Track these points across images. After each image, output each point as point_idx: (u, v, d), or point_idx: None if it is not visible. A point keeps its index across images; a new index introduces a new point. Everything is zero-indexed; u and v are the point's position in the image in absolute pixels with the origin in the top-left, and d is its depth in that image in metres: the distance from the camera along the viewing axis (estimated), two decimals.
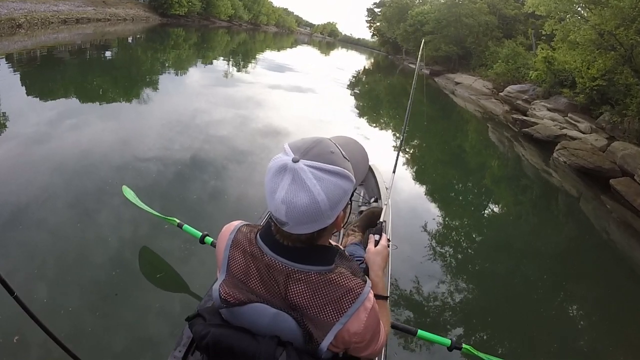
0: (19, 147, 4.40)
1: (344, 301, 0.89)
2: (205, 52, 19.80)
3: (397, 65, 41.98)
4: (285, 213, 0.82)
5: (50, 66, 9.98)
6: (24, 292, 1.35)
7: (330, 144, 0.88)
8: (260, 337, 0.92)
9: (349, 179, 0.87)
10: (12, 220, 3.04)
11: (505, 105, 17.61)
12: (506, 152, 10.82)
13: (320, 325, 0.90)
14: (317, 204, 0.81)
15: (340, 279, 0.91)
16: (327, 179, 0.82)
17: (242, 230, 1.01)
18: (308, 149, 0.84)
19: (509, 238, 5.24)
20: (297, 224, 0.84)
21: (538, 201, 7.24)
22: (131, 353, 2.18)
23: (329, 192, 0.82)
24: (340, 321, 0.89)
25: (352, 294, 0.90)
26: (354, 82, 20.37)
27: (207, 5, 38.81)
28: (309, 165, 0.82)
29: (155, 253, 3.00)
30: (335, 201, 0.84)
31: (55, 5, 16.78)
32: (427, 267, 3.81)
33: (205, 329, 0.96)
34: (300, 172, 0.81)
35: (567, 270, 4.64)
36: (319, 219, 0.84)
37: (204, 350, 0.96)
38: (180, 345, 1.43)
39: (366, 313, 0.91)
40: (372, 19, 60.16)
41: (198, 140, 5.61)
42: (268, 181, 0.85)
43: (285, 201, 0.81)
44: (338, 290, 0.90)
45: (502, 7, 27.55)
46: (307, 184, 0.81)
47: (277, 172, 0.83)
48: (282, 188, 0.82)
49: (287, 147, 0.86)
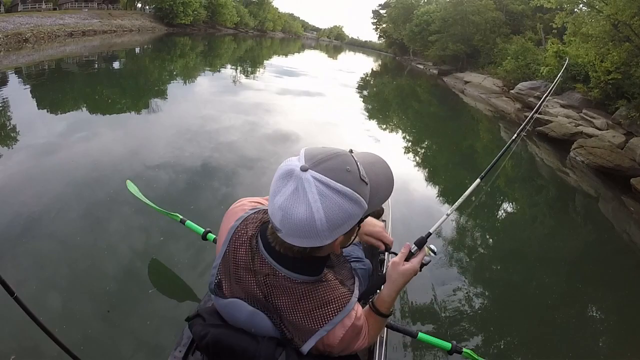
0: (28, 156, 4.55)
1: (325, 312, 0.88)
2: (212, 60, 19.90)
3: (405, 66, 41.71)
4: (280, 220, 0.79)
5: (58, 78, 10.14)
6: (23, 291, 1.37)
7: (349, 161, 0.82)
8: (260, 337, 0.91)
9: (358, 204, 0.80)
10: (14, 219, 3.10)
11: (516, 103, 17.16)
12: (519, 151, 10.49)
13: (301, 332, 0.89)
14: (314, 221, 0.76)
15: (324, 291, 0.90)
16: (331, 198, 0.76)
17: (249, 219, 0.99)
18: (322, 160, 0.78)
19: (522, 240, 5.02)
20: (290, 234, 0.80)
21: (554, 203, 6.93)
22: (131, 352, 2.17)
23: (330, 212, 0.76)
24: (318, 333, 0.88)
25: (334, 306, 0.89)
26: (362, 84, 20.24)
27: (212, 14, 39.12)
28: (316, 178, 0.76)
29: (157, 251, 2.99)
30: (335, 223, 0.78)
31: (61, 18, 16.96)
32: (430, 268, 3.63)
33: (204, 329, 0.96)
34: (304, 183, 0.76)
35: (584, 275, 4.37)
36: (313, 237, 0.79)
37: (204, 350, 0.97)
38: (180, 345, 1.39)
39: (343, 330, 0.90)
40: (378, 21, 60.13)
41: (206, 146, 5.61)
42: (273, 182, 0.81)
43: (282, 208, 0.78)
44: (321, 301, 0.89)
45: (508, 3, 26.99)
46: (308, 197, 0.75)
47: (283, 176, 0.79)
48: (282, 193, 0.78)
49: (302, 152, 0.81)
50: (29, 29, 14.15)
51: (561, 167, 9.10)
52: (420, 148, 8.48)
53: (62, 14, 17.53)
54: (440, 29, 30.66)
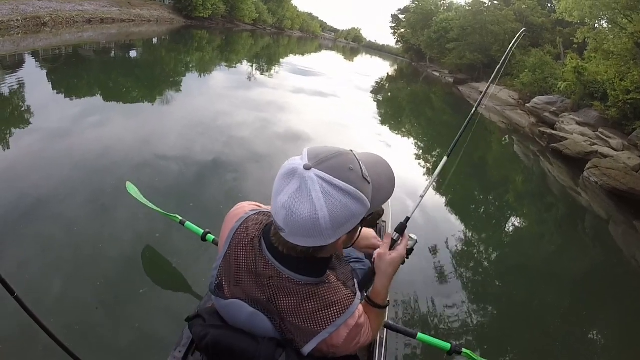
0: (33, 139, 4.53)
1: (328, 314, 0.88)
2: (228, 55, 19.94)
3: (421, 72, 41.46)
4: (283, 219, 0.79)
5: (75, 64, 10.19)
6: (23, 290, 1.30)
7: (351, 160, 0.83)
8: (260, 338, 0.91)
9: (361, 203, 0.81)
10: (16, 213, 3.05)
11: (531, 117, 16.93)
12: (532, 167, 10.32)
13: (303, 333, 0.89)
14: (317, 219, 0.77)
15: (328, 292, 0.90)
16: (334, 196, 0.77)
17: (250, 220, 0.99)
18: (325, 159, 0.79)
19: (527, 253, 4.98)
20: (293, 234, 0.80)
21: (563, 221, 6.80)
22: (131, 353, 2.17)
23: (333, 211, 0.77)
24: (322, 334, 0.88)
25: (338, 308, 0.89)
26: (376, 88, 20.14)
27: (231, 9, 39.15)
28: (320, 176, 0.77)
29: (157, 251, 2.97)
30: (338, 222, 0.79)
31: (81, 5, 17.03)
32: (430, 270, 3.76)
33: (204, 329, 0.96)
34: (308, 181, 0.76)
35: (587, 293, 4.34)
36: (317, 236, 0.79)
37: (204, 351, 0.97)
38: (180, 346, 1.42)
39: (347, 330, 0.90)
40: (397, 25, 59.86)
41: (216, 141, 5.61)
42: (276, 181, 0.82)
43: (286, 207, 0.78)
44: (324, 303, 0.89)
45: (528, 15, 26.60)
46: (311, 196, 0.76)
47: (286, 175, 0.79)
48: (286, 192, 0.78)
49: (305, 151, 0.82)
50: (48, 13, 14.23)
51: (573, 186, 8.91)
52: (431, 156, 8.39)
53: (82, 0, 17.62)
54: (459, 37, 30.39)
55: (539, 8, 27.27)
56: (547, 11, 27.44)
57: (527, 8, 26.89)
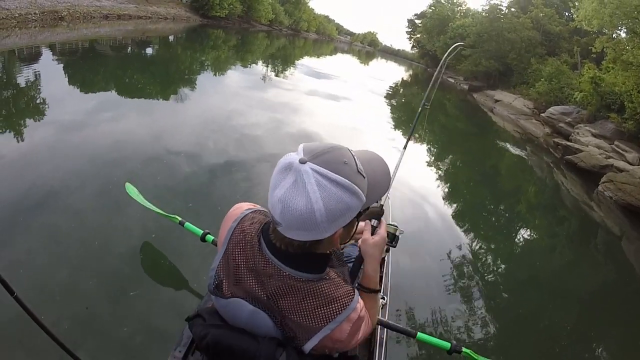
0: (40, 134, 4.56)
1: (331, 310, 0.89)
2: (243, 55, 20.02)
3: (436, 78, 41.15)
4: (280, 213, 0.80)
5: (91, 58, 10.32)
6: (22, 289, 1.31)
7: (346, 154, 0.85)
8: (261, 338, 0.92)
9: (357, 196, 0.83)
10: (16, 209, 3.03)
11: (546, 127, 16.68)
12: (545, 178, 10.11)
13: (305, 330, 0.89)
14: (313, 212, 0.78)
15: (329, 288, 0.90)
16: (329, 189, 0.78)
17: (247, 219, 1.00)
18: (320, 153, 0.81)
19: (533, 262, 4.95)
20: (290, 227, 0.81)
21: (575, 235, 6.64)
22: (131, 353, 2.17)
23: (329, 203, 0.78)
24: (324, 330, 0.88)
25: (340, 303, 0.90)
26: (390, 93, 20.04)
27: (248, 9, 39.28)
28: (315, 169, 0.78)
29: (156, 252, 2.97)
30: (334, 215, 0.80)
31: (98, 1, 17.20)
32: (430, 271, 3.80)
33: (204, 329, 0.96)
34: (303, 175, 0.78)
35: (595, 310, 4.23)
36: (312, 229, 0.81)
37: (204, 350, 0.97)
38: (180, 346, 1.42)
39: (350, 324, 0.90)
40: (413, 30, 59.54)
41: (225, 141, 5.63)
42: (273, 176, 0.83)
43: (282, 200, 0.79)
44: (325, 299, 0.89)
45: (546, 23, 26.29)
46: (307, 189, 0.77)
47: (282, 169, 0.81)
48: (282, 187, 0.80)
49: (300, 147, 0.84)
50: (65, 7, 14.38)
51: (587, 200, 8.69)
52: (442, 163, 8.31)
53: None
54: (475, 43, 30.04)
55: (556, 16, 26.95)
56: (564, 20, 27.06)
57: (544, 16, 26.56)
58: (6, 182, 3.44)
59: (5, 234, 2.76)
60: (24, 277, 2.43)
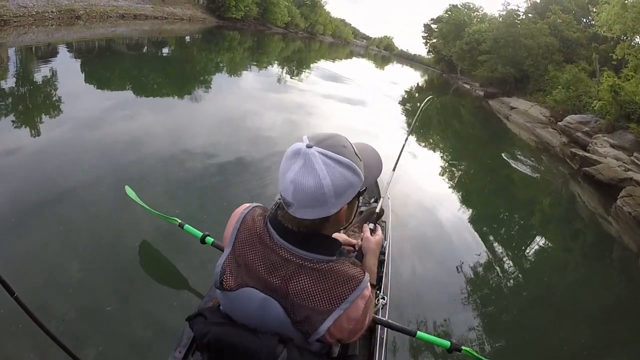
0: (44, 131, 4.66)
1: (345, 288, 0.93)
2: (259, 56, 20.14)
3: (451, 84, 40.83)
4: (292, 193, 0.88)
5: (107, 57, 10.45)
6: (24, 289, 1.35)
7: (344, 140, 0.95)
8: (262, 334, 0.94)
9: (356, 173, 0.92)
10: (18, 209, 3.06)
11: (563, 136, 16.24)
12: (560, 189, 9.83)
13: (319, 312, 0.92)
14: (322, 187, 0.86)
15: (342, 268, 0.95)
16: (334, 167, 0.88)
17: (255, 211, 1.06)
18: (323, 139, 0.91)
19: (542, 272, 4.85)
20: (302, 206, 0.89)
21: (590, 251, 6.38)
22: (131, 354, 2.19)
23: (335, 179, 0.88)
24: (341, 307, 0.92)
25: (354, 281, 0.94)
26: (405, 98, 19.95)
27: (264, 11, 39.52)
28: (320, 152, 0.88)
29: (155, 253, 2.99)
30: (340, 190, 0.89)
31: (116, 0, 17.38)
32: (431, 271, 3.81)
33: (206, 327, 0.98)
34: (311, 157, 0.87)
35: (607, 330, 4.02)
36: (322, 204, 0.89)
37: (205, 348, 0.98)
38: (180, 346, 1.43)
39: (364, 301, 0.95)
40: (429, 35, 59.23)
41: (241, 141, 5.74)
42: (283, 163, 0.91)
43: (294, 181, 0.87)
44: (340, 278, 0.94)
45: (563, 29, 25.67)
46: (315, 168, 0.86)
47: (292, 155, 0.90)
48: (292, 170, 0.88)
49: (305, 137, 0.92)
50: (82, 6, 14.61)
51: (604, 214, 8.37)
52: (455, 169, 8.17)
53: None
54: (491, 49, 29.67)
55: (574, 22, 26.35)
56: (582, 26, 26.52)
57: (562, 22, 25.99)
58: (10, 179, 3.48)
59: (5, 234, 2.77)
60: (22, 278, 2.41)
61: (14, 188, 3.35)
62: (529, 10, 30.41)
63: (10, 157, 3.88)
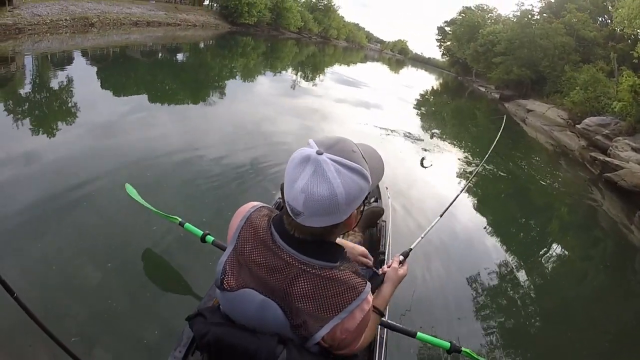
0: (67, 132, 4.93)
1: (344, 297, 0.91)
2: (273, 62, 20.31)
3: (466, 87, 40.44)
4: (303, 202, 0.84)
5: (122, 64, 10.63)
6: (24, 289, 1.40)
7: (352, 144, 0.93)
8: (261, 335, 0.93)
9: (366, 179, 0.90)
10: (19, 208, 3.09)
11: (581, 139, 15.72)
12: (579, 196, 9.45)
13: (317, 318, 0.91)
14: (336, 196, 0.84)
15: (343, 276, 0.93)
16: (346, 174, 0.85)
17: (261, 211, 1.04)
18: (332, 145, 0.88)
19: (557, 283, 4.65)
20: (313, 214, 0.86)
21: (611, 262, 6.07)
22: (131, 353, 2.18)
23: (348, 187, 0.85)
24: (339, 316, 0.91)
25: (354, 292, 0.92)
26: (420, 101, 19.80)
27: (277, 16, 39.75)
28: (332, 159, 0.85)
29: (156, 252, 2.97)
30: (352, 197, 0.87)
31: (128, 7, 17.67)
32: (430, 270, 3.74)
33: (205, 327, 0.97)
34: (322, 164, 0.84)
35: (623, 342, 3.83)
36: (335, 213, 0.86)
37: (205, 348, 0.98)
38: (180, 346, 1.43)
39: (362, 314, 0.93)
40: (443, 38, 58.90)
41: (256, 145, 5.74)
42: (290, 170, 0.87)
43: (305, 190, 0.84)
44: (341, 286, 0.92)
45: (579, 28, 24.83)
46: (328, 176, 0.83)
47: (300, 162, 0.86)
48: (302, 178, 0.84)
49: (311, 142, 0.90)
50: (95, 14, 14.86)
51: (626, 222, 7.89)
52: (467, 173, 7.99)
53: (130, 3, 18.31)
54: (506, 50, 29.18)
55: (590, 21, 25.53)
56: (598, 24, 25.84)
57: (578, 21, 25.16)
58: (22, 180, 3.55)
59: (5, 234, 2.78)
60: (21, 277, 2.42)
61: (21, 185, 3.44)
62: (544, 10, 29.74)
63: (25, 159, 4.01)
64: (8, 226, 2.88)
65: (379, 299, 1.27)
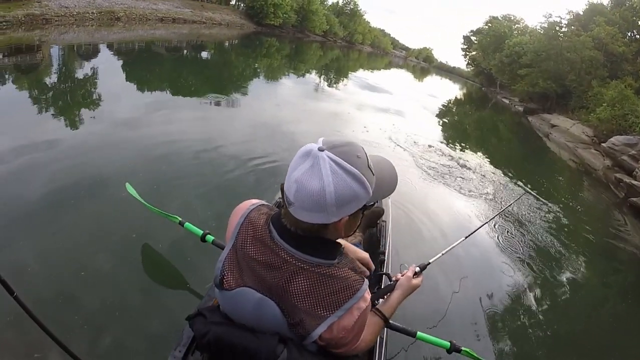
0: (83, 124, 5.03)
1: (341, 295, 0.92)
2: (296, 64, 20.45)
3: (490, 98, 39.72)
4: (294, 192, 0.87)
5: (147, 59, 10.75)
6: (23, 288, 1.41)
7: (360, 150, 0.92)
8: (261, 334, 0.94)
9: (364, 187, 0.89)
10: (20, 207, 3.10)
11: (606, 159, 15.05)
12: (601, 219, 9.07)
13: (313, 317, 0.92)
14: (324, 194, 0.84)
15: (341, 274, 0.94)
16: (341, 175, 0.86)
17: (260, 209, 1.04)
18: (337, 145, 0.89)
19: (563, 308, 4.45)
20: (302, 207, 0.88)
21: (632, 291, 5.89)
22: (131, 352, 2.18)
23: (339, 188, 0.85)
24: (336, 314, 0.92)
25: (350, 290, 0.93)
26: (443, 111, 19.48)
27: (302, 19, 39.93)
28: (330, 157, 0.86)
29: (156, 252, 2.97)
30: (342, 200, 0.87)
31: (155, 4, 17.94)
32: (430, 271, 3.64)
33: (206, 326, 0.98)
34: (320, 160, 0.86)
35: None
36: (322, 211, 0.87)
37: (205, 348, 0.99)
38: (180, 345, 1.43)
39: (359, 312, 0.94)
40: (468, 47, 58.31)
41: (275, 147, 5.76)
42: (293, 161, 0.91)
43: (298, 181, 0.86)
44: (338, 284, 0.93)
45: (608, 42, 23.74)
46: (321, 173, 0.85)
47: (302, 155, 0.89)
48: (300, 169, 0.87)
49: (321, 139, 0.92)
50: (122, 8, 15.14)
51: None
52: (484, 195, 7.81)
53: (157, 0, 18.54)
54: (532, 62, 28.48)
55: (619, 35, 24.43)
56: (627, 39, 25.01)
57: (606, 35, 24.11)
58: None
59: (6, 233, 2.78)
60: (21, 277, 2.42)
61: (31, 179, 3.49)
62: (572, 22, 28.80)
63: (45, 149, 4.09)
64: (4, 222, 2.88)
65: (386, 305, 1.28)
